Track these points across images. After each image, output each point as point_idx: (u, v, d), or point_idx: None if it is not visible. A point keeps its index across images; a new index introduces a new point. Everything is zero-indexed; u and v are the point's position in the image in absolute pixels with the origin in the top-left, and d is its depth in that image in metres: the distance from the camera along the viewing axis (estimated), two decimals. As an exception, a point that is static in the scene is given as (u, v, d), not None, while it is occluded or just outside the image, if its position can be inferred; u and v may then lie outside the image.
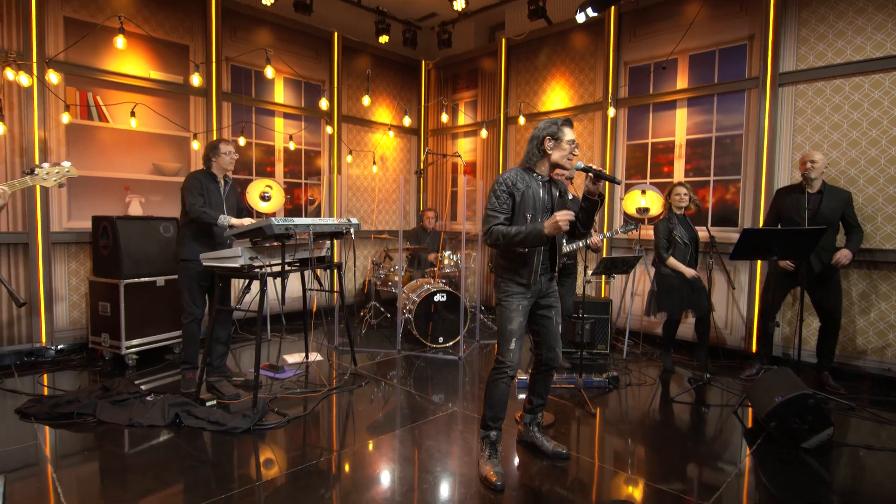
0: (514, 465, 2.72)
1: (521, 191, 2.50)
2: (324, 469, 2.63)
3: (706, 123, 4.89)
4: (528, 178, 2.55)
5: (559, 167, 2.59)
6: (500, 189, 2.50)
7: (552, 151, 2.53)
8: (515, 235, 2.40)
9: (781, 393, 2.95)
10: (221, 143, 3.74)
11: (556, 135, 2.52)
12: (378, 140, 6.93)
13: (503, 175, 2.54)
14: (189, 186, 3.61)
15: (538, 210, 2.54)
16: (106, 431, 2.99)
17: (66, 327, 4.54)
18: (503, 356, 2.55)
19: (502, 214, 2.48)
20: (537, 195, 2.54)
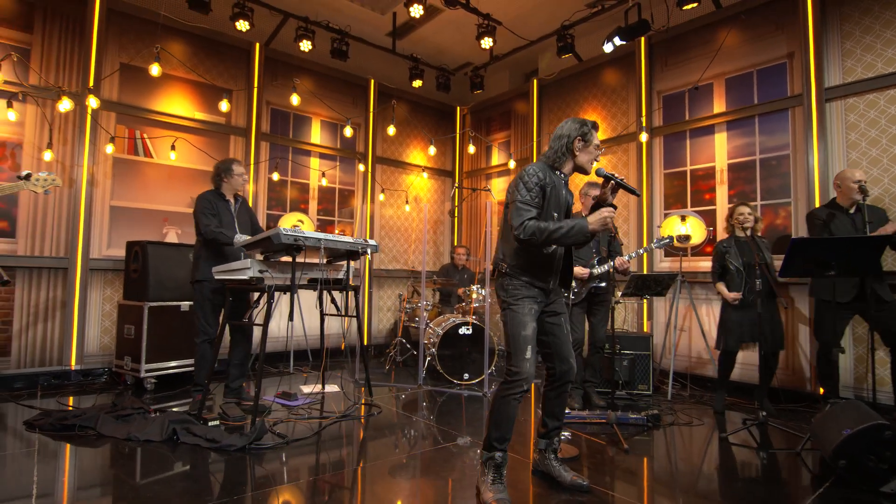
0: (524, 497, 2.37)
1: (549, 186, 2.34)
2: (303, 491, 2.39)
3: (748, 146, 4.60)
4: (552, 175, 2.40)
5: (581, 170, 2.48)
6: (531, 181, 2.32)
7: (580, 153, 2.44)
8: (556, 230, 2.19)
9: (850, 425, 2.48)
10: (234, 163, 3.82)
11: (586, 136, 2.42)
12: (412, 181, 7.00)
13: (531, 168, 2.37)
14: (201, 208, 3.67)
15: (562, 210, 2.40)
16: (102, 444, 2.90)
17: (96, 352, 4.62)
18: (518, 366, 2.26)
19: (535, 209, 2.29)
20: (560, 194, 2.40)
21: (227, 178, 3.77)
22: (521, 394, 2.27)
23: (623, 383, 4.34)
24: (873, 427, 2.39)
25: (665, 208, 5.17)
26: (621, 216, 5.49)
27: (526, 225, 2.24)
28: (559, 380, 2.46)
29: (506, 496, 2.18)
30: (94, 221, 4.67)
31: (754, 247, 3.63)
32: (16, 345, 4.25)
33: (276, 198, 5.86)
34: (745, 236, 3.81)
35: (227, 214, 3.75)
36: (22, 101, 4.33)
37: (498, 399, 2.30)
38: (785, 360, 4.22)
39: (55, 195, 4.48)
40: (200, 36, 5.34)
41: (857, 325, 3.85)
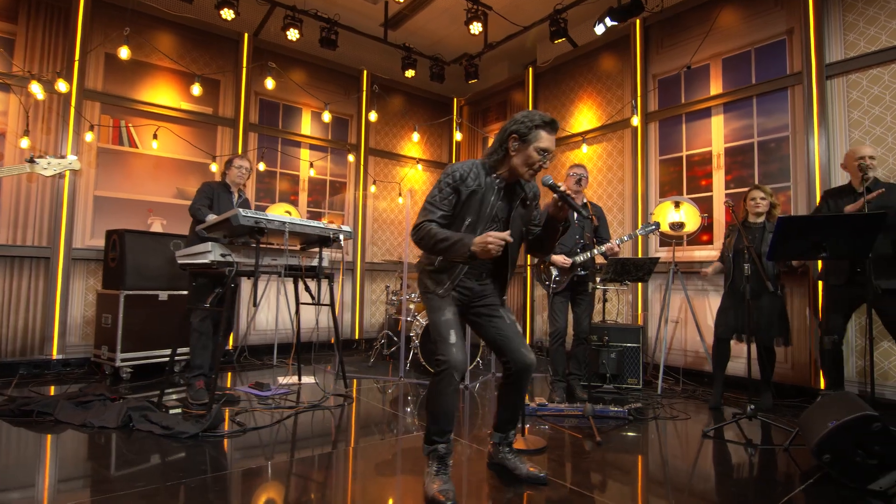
0: (478, 491, 2.22)
1: (469, 189, 2.11)
2: (232, 480, 2.27)
3: (746, 129, 4.37)
4: (483, 176, 2.15)
5: (518, 175, 2.15)
6: (445, 181, 2.12)
7: (514, 154, 2.11)
8: (440, 241, 2.03)
9: (837, 417, 2.27)
10: (236, 158, 3.88)
11: (524, 136, 2.08)
12: (406, 173, 6.88)
13: (456, 165, 2.15)
14: (199, 189, 3.75)
15: (482, 218, 2.14)
16: (57, 430, 2.83)
17: (78, 342, 4.60)
18: (444, 353, 2.05)
19: (440, 211, 2.10)
20: (486, 200, 2.13)
21: (227, 169, 3.83)
22: (454, 381, 2.05)
23: (611, 377, 4.14)
24: (861, 418, 2.18)
25: (660, 196, 4.95)
26: (616, 205, 5.29)
27: (421, 226, 2.09)
28: (515, 374, 2.24)
29: (449, 486, 2.02)
30: (77, 211, 4.65)
31: (760, 233, 3.43)
32: (-4, 333, 4.26)
33: (266, 189, 5.80)
34: (756, 223, 3.59)
35: (226, 204, 3.72)
36: (6, 91, 4.34)
37: (431, 391, 2.11)
38: (786, 354, 3.97)
39: (38, 184, 4.47)
40: (189, 27, 5.32)
41: (862, 314, 3.59)
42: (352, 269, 6.30)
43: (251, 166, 3.93)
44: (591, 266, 3.81)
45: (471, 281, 2.23)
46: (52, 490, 2.11)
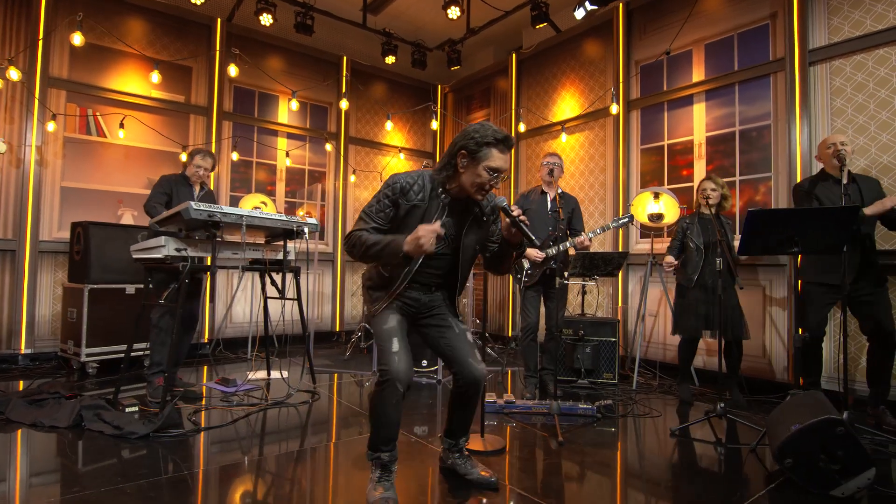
0: (423, 493, 2.14)
1: (410, 203, 1.97)
2: (176, 484, 2.20)
3: (728, 117, 4.24)
4: (428, 190, 2.00)
5: (467, 192, 1.99)
6: (384, 191, 1.98)
7: (463, 171, 1.95)
8: (371, 246, 1.91)
9: (801, 420, 2.18)
10: (199, 154, 3.70)
11: (474, 153, 1.92)
12: (388, 162, 6.75)
13: (400, 175, 2.01)
14: (156, 184, 3.60)
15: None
16: (6, 429, 2.75)
17: (47, 336, 4.52)
18: (386, 363, 1.91)
19: (374, 223, 1.97)
20: (430, 217, 1.98)
21: (189, 164, 3.68)
22: (397, 392, 1.89)
23: (586, 372, 4.07)
24: (824, 422, 2.09)
25: (641, 186, 4.84)
26: (597, 196, 5.17)
27: (351, 234, 1.98)
28: (464, 387, 2.13)
29: (391, 495, 1.94)
30: (43, 203, 4.54)
31: (716, 224, 3.30)
32: (-40, 328, 4.17)
33: (241, 179, 5.68)
34: (707, 214, 3.51)
35: (186, 198, 3.56)
36: (-35, 78, 4.21)
37: (373, 402, 1.97)
38: (760, 348, 3.89)
39: (3, 175, 4.36)
40: (159, 12, 5.16)
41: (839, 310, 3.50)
42: (332, 261, 6.20)
43: (214, 165, 3.76)
44: (564, 259, 3.72)
45: (418, 293, 2.11)
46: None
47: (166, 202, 3.51)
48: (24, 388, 3.36)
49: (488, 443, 2.63)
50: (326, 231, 6.26)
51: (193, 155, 3.70)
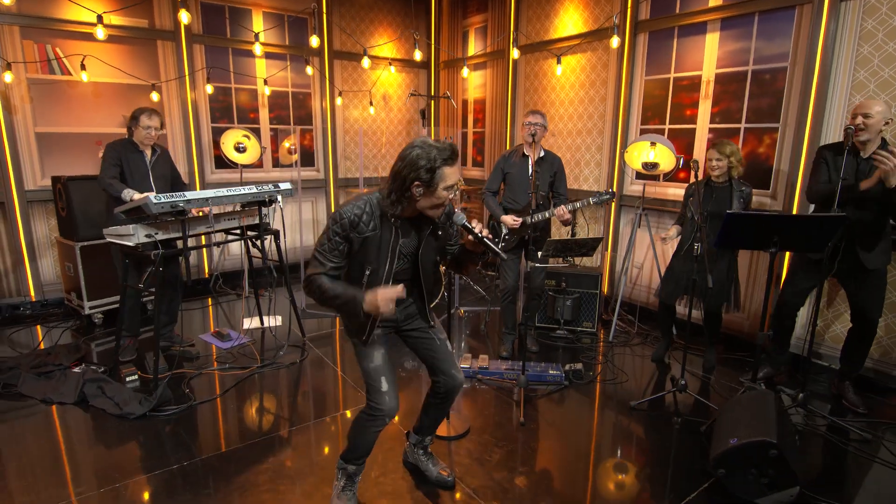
0: (382, 491, 2.38)
1: (362, 236, 1.90)
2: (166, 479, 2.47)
3: (742, 53, 3.77)
4: (378, 218, 1.92)
5: (423, 213, 1.93)
6: (333, 229, 1.89)
7: (420, 199, 1.88)
8: (332, 299, 1.90)
9: (741, 434, 2.29)
10: (144, 114, 3.42)
11: (429, 182, 1.83)
12: (378, 77, 6.29)
13: (346, 209, 1.90)
14: (104, 156, 3.39)
15: (383, 262, 1.94)
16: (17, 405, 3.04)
17: (53, 281, 4.73)
18: (376, 401, 2.04)
19: (330, 263, 1.91)
20: (387, 243, 1.93)
21: (134, 127, 3.42)
22: (382, 424, 2.08)
23: (565, 322, 4.19)
24: (760, 444, 2.19)
25: (642, 122, 4.50)
26: (595, 128, 4.84)
27: (311, 280, 1.93)
28: (444, 393, 2.26)
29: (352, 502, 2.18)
30: (21, 152, 4.45)
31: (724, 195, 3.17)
32: (-31, 280, 4.39)
33: (221, 108, 5.41)
34: (720, 182, 3.29)
35: (140, 167, 3.44)
36: None
37: (359, 422, 2.12)
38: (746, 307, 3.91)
39: (-29, 126, 4.22)
40: (103, -85, 4.51)
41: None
42: (324, 187, 6.12)
43: (162, 122, 3.52)
44: (545, 226, 3.63)
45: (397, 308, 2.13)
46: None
47: (119, 174, 3.38)
48: (31, 355, 3.61)
49: (453, 427, 2.84)
50: (316, 156, 6.09)
51: (137, 116, 3.41)
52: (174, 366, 3.51)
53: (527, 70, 5.48)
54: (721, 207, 3.23)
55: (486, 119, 6.11)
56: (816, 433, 2.85)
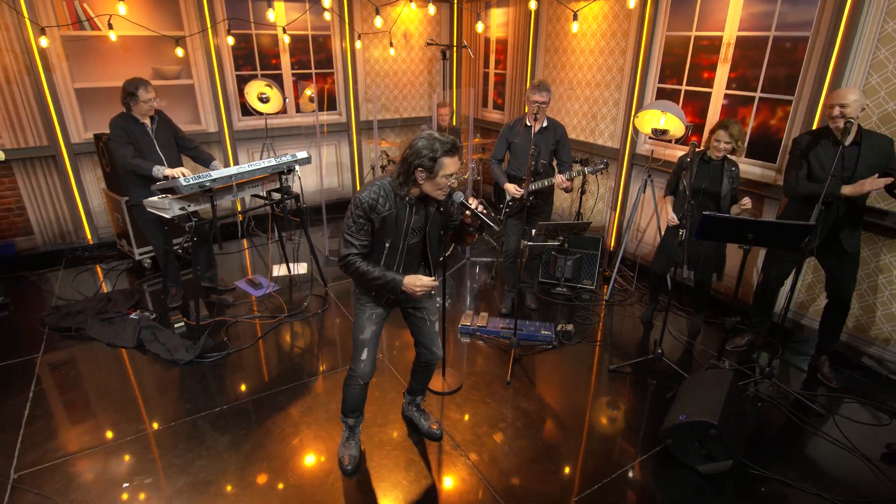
0: (373, 443, 2.87)
1: (381, 215, 2.19)
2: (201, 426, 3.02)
3: (765, 17, 3.59)
4: (393, 198, 2.20)
5: (429, 195, 2.22)
6: (356, 213, 2.20)
7: (423, 182, 2.16)
8: (373, 280, 2.25)
9: (690, 411, 2.63)
10: (140, 87, 3.52)
11: (430, 168, 2.10)
12: (399, 13, 6.15)
13: (362, 194, 2.19)
14: (115, 137, 3.58)
15: (401, 237, 2.27)
16: (88, 346, 3.65)
17: (105, 224, 5.26)
18: (354, 366, 2.48)
19: (359, 241, 2.23)
20: (401, 220, 2.24)
21: (133, 103, 3.54)
22: (360, 385, 2.51)
23: (565, 280, 4.46)
24: (703, 423, 2.53)
25: (660, 81, 4.40)
26: (613, 81, 4.75)
27: (348, 261, 2.25)
28: (423, 362, 2.70)
29: (354, 452, 2.67)
30: (63, 107, 4.78)
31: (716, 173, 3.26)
32: (35, 225, 4.95)
33: (243, 56, 5.52)
34: (716, 158, 3.33)
35: (144, 138, 3.63)
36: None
37: (345, 382, 2.57)
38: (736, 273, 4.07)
39: (18, 86, 4.54)
40: None
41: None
42: (346, 131, 6.28)
43: (155, 95, 3.63)
44: (548, 193, 3.79)
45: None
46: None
47: (134, 151, 3.59)
48: (95, 300, 4.19)
49: (447, 383, 3.28)
50: (339, 100, 6.19)
51: (134, 91, 3.50)
52: (214, 313, 4.05)
53: (549, 13, 5.28)
54: (713, 185, 3.31)
55: (507, 61, 5.98)
56: (777, 405, 3.15)
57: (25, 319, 4.01)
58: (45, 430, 2.87)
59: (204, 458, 2.70)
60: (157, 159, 3.68)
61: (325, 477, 2.60)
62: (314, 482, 2.57)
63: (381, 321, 2.52)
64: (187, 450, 2.75)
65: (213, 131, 5.49)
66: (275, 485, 2.55)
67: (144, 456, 2.71)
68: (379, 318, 2.49)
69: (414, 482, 2.59)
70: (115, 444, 2.79)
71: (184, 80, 5.27)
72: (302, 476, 2.61)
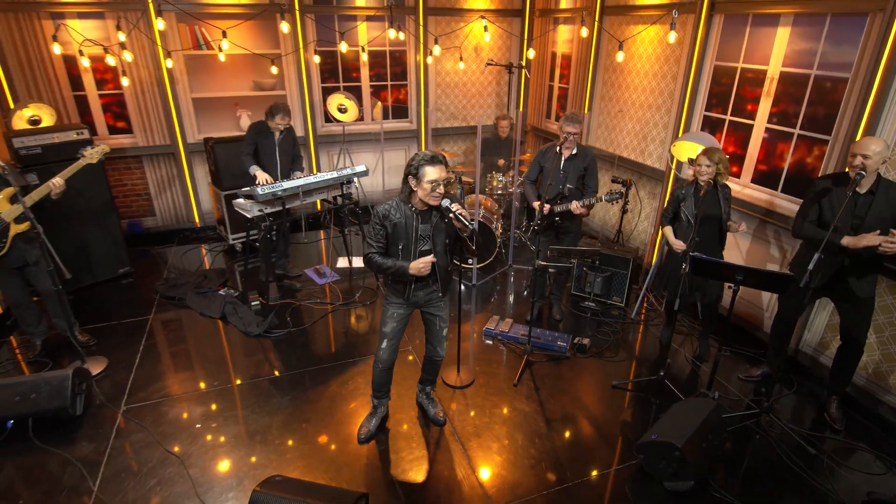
0: (392, 420, 3.41)
1: (393, 223, 2.71)
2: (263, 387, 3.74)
3: (808, 55, 3.58)
4: (403, 208, 2.72)
5: (424, 201, 2.68)
6: (374, 221, 2.75)
7: (416, 188, 2.65)
8: (386, 269, 2.77)
9: (662, 432, 2.89)
10: (278, 114, 4.43)
11: (416, 175, 2.60)
12: (470, 30, 6.56)
13: (380, 207, 2.74)
14: (247, 134, 4.58)
15: (411, 239, 2.76)
16: (185, 313, 4.58)
17: (209, 211, 6.31)
18: (377, 354, 3.05)
19: (377, 244, 2.78)
20: (410, 226, 2.73)
21: (270, 120, 4.47)
22: (377, 368, 3.08)
23: (594, 295, 4.71)
24: (668, 444, 2.79)
25: (706, 109, 4.45)
26: (664, 105, 4.85)
27: (369, 258, 2.81)
28: (429, 357, 3.22)
29: (370, 426, 3.23)
30: (183, 113, 5.81)
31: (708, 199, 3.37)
32: (157, 209, 6.09)
33: (329, 69, 6.25)
34: (707, 185, 3.43)
35: (269, 146, 4.56)
36: (103, 18, 5.19)
37: (373, 367, 3.16)
38: (763, 300, 4.10)
39: (150, 95, 5.60)
40: None
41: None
42: (416, 137, 6.85)
43: (289, 115, 4.52)
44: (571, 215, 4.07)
45: (420, 292, 3.00)
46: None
47: (254, 150, 4.51)
48: (195, 275, 5.16)
49: (460, 378, 3.75)
50: (410, 109, 6.77)
51: (275, 114, 4.44)
52: (283, 296, 4.83)
53: (614, 31, 5.42)
54: (710, 209, 3.41)
55: (570, 76, 6.19)
56: (771, 439, 3.25)
57: (144, 286, 5.05)
58: (150, 375, 3.76)
59: (258, 413, 3.42)
60: (275, 163, 4.57)
61: (346, 440, 3.21)
62: (338, 442, 3.18)
63: (402, 319, 3.02)
64: (246, 406, 3.49)
65: (300, 135, 6.28)
66: (312, 439, 3.20)
67: (217, 405, 3.48)
68: (400, 316, 3.00)
69: (413, 458, 3.12)
70: (198, 393, 3.60)
71: (278, 91, 6.11)
72: (331, 436, 3.24)
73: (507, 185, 5.76)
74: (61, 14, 5.14)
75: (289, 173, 4.67)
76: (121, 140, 5.74)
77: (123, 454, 3.07)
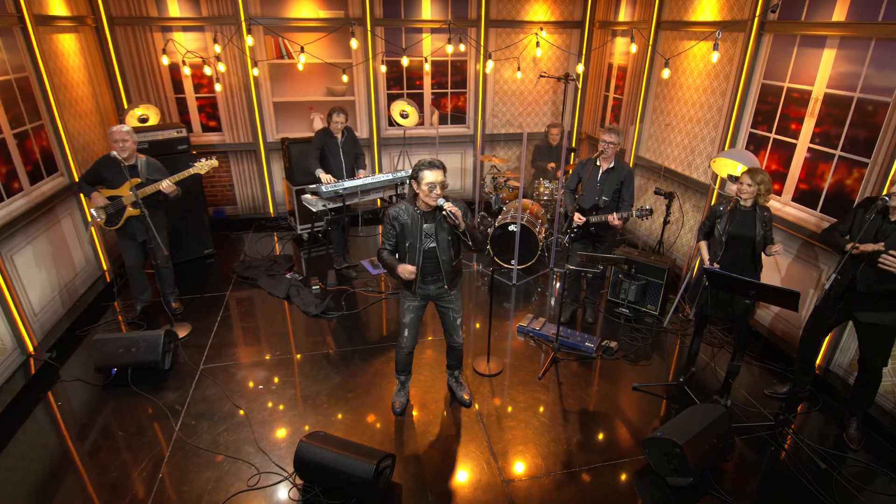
0: (425, 399, 3.83)
1: (402, 223, 3.09)
2: (317, 360, 4.26)
3: (852, 78, 3.61)
4: (411, 210, 3.09)
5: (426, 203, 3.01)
6: (386, 221, 3.15)
7: (417, 191, 2.99)
8: (388, 265, 3.17)
9: (667, 430, 3.11)
10: (334, 113, 4.94)
11: (416, 178, 2.96)
12: (529, 41, 6.84)
13: (391, 209, 3.11)
14: (314, 139, 5.12)
15: (416, 238, 3.10)
16: (256, 292, 5.23)
17: (282, 202, 7.02)
18: (399, 340, 3.45)
19: (389, 242, 3.18)
20: (416, 226, 3.08)
21: (329, 123, 4.99)
22: (401, 353, 3.48)
23: (629, 302, 4.88)
24: (669, 441, 3.00)
25: (752, 126, 4.51)
26: (712, 120, 4.94)
27: (379, 253, 3.22)
28: (448, 344, 3.60)
29: (402, 400, 3.65)
30: (265, 115, 6.52)
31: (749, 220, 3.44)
32: (238, 198, 6.87)
33: (395, 77, 6.75)
34: (746, 206, 3.51)
35: (333, 148, 5.07)
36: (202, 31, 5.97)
37: (395, 350, 3.56)
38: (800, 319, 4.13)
39: (238, 99, 6.35)
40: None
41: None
42: (472, 142, 7.23)
43: (346, 115, 4.99)
44: (608, 225, 4.28)
45: (430, 287, 3.41)
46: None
47: (319, 155, 5.05)
48: (266, 259, 5.84)
49: (490, 367, 4.10)
50: (468, 115, 7.15)
51: (331, 114, 4.93)
52: (340, 282, 5.38)
53: (664, 47, 5.54)
54: (745, 230, 3.48)
55: (625, 87, 6.33)
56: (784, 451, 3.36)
57: (223, 266, 5.78)
58: (224, 342, 4.40)
59: (311, 381, 3.95)
60: (340, 162, 5.08)
61: (384, 412, 3.66)
62: (375, 412, 3.64)
63: (418, 310, 3.40)
64: (302, 374, 4.03)
65: (365, 137, 6.87)
66: (354, 406, 3.69)
67: (277, 372, 4.05)
68: (415, 308, 3.39)
69: (438, 432, 3.51)
70: (262, 361, 4.19)
71: (348, 97, 6.70)
72: (370, 407, 3.70)
73: (553, 192, 6.01)
74: (169, 27, 5.97)
75: (353, 171, 5.19)
76: (211, 137, 6.54)
77: (200, 403, 3.68)
